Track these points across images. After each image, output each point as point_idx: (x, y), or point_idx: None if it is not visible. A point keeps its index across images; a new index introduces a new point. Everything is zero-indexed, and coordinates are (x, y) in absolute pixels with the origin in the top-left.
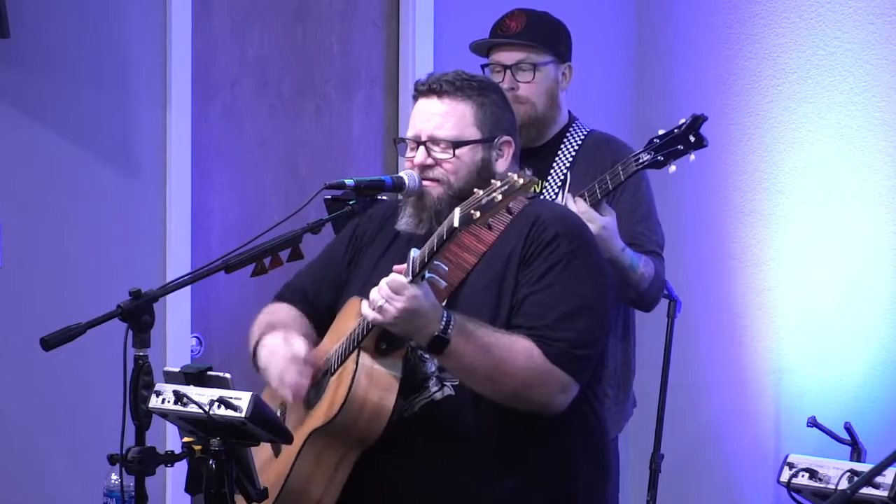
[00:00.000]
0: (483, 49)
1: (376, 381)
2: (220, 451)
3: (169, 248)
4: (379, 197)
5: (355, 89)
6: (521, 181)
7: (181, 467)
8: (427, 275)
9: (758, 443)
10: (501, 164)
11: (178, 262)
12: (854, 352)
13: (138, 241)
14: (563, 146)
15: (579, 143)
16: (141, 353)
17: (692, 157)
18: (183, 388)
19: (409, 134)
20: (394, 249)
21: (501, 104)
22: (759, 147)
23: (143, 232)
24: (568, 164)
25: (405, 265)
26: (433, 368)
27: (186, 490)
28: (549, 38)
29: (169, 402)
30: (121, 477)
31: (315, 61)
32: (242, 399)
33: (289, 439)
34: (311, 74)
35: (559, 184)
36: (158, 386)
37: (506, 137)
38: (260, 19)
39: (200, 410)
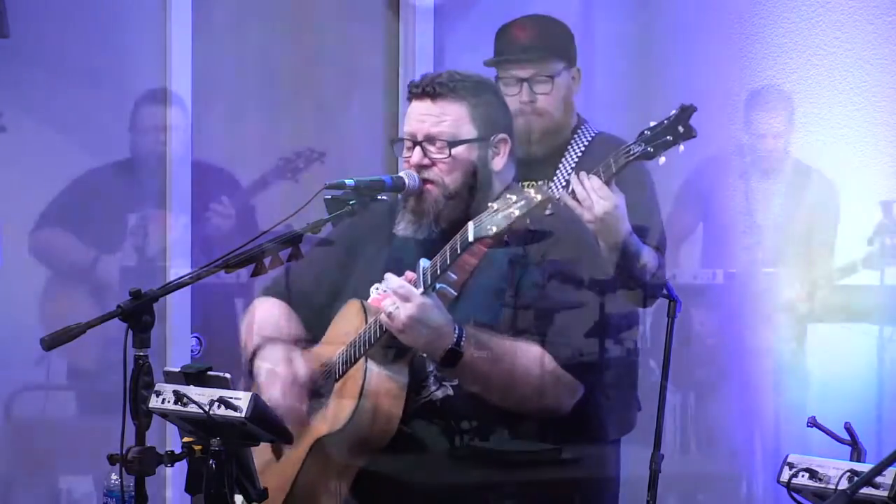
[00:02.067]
0: (495, 63)
1: (385, 389)
2: (220, 451)
3: (169, 248)
4: (379, 197)
5: (355, 89)
6: (539, 197)
7: (181, 467)
8: (437, 285)
9: (758, 443)
10: (498, 162)
11: (178, 262)
12: (854, 352)
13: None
14: (570, 147)
15: (586, 144)
16: (141, 353)
17: (681, 147)
18: (183, 388)
19: (405, 135)
20: (390, 252)
21: (496, 103)
22: None
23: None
24: (573, 165)
25: (414, 274)
26: (431, 367)
27: (186, 490)
28: (559, 45)
29: (169, 402)
30: (121, 477)
31: (315, 61)
32: (242, 399)
33: (289, 439)
34: (311, 74)
35: (563, 184)
36: (158, 386)
37: (502, 135)
38: (260, 19)
39: (200, 410)
